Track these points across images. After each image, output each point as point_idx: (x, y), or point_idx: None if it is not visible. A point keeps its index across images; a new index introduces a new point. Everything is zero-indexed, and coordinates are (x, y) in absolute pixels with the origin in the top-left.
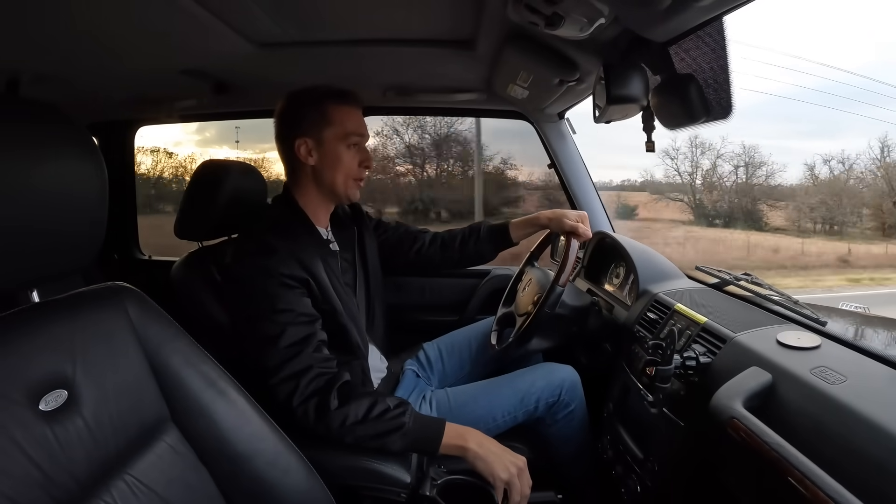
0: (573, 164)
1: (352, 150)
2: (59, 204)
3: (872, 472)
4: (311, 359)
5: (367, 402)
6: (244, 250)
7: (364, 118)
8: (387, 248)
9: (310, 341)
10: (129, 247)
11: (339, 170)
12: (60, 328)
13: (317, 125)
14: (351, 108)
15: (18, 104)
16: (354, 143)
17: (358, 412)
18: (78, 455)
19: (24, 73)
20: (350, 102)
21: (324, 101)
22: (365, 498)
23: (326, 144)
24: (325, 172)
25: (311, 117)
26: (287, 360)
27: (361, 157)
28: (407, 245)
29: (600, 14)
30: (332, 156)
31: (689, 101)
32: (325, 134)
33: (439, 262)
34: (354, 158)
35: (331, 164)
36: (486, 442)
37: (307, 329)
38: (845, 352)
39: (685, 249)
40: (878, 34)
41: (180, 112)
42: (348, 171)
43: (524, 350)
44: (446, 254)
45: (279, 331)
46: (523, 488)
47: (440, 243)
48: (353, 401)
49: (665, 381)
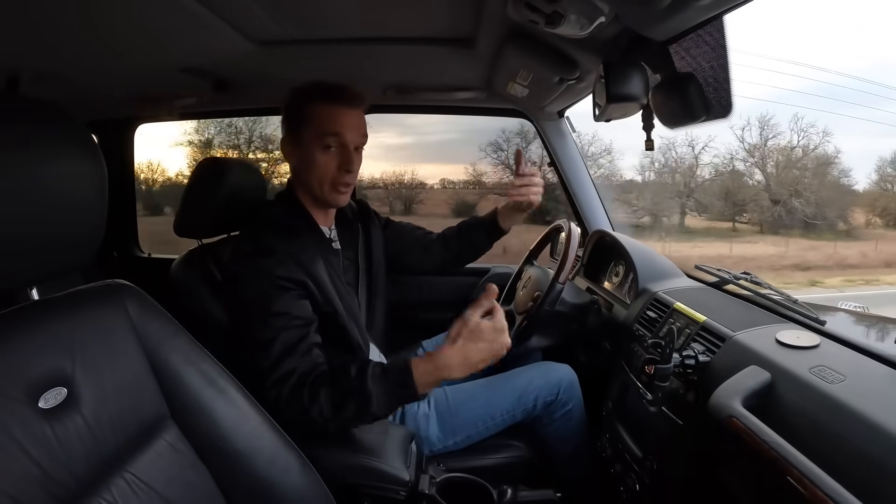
0: (573, 162)
1: (329, 152)
2: (58, 202)
3: (871, 472)
4: (297, 362)
5: (330, 390)
6: (242, 250)
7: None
8: (398, 250)
9: (300, 346)
10: (128, 245)
11: (314, 173)
12: (60, 326)
13: (297, 124)
14: (334, 107)
15: (18, 102)
16: (330, 144)
17: (326, 404)
18: (77, 453)
19: (24, 72)
20: (336, 101)
21: (306, 100)
22: (364, 496)
23: (303, 145)
24: (303, 174)
25: (292, 115)
26: (277, 365)
27: (341, 160)
28: (420, 247)
29: (600, 13)
30: (308, 157)
31: (688, 100)
32: (303, 134)
33: (442, 260)
34: (331, 161)
35: (307, 167)
36: (453, 356)
37: (299, 332)
38: (844, 351)
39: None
40: (869, 33)
41: (180, 110)
42: (324, 175)
43: (524, 348)
44: (448, 251)
45: (272, 335)
46: (504, 341)
47: (442, 242)
48: (321, 393)
49: (664, 380)
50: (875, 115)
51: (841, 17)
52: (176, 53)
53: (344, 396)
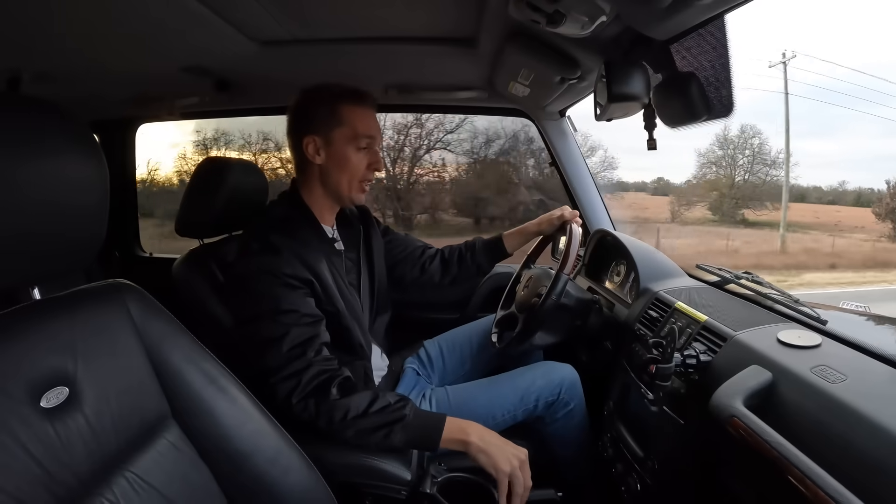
0: (574, 161)
1: (360, 152)
2: (60, 202)
3: (872, 471)
4: (312, 359)
5: (369, 396)
6: (248, 248)
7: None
8: (393, 260)
9: (312, 343)
10: (129, 244)
11: (346, 171)
12: (62, 325)
13: (327, 124)
14: (364, 109)
15: (20, 102)
16: (364, 145)
17: (359, 405)
18: (79, 452)
19: (25, 72)
20: (364, 103)
21: (337, 101)
22: (365, 495)
23: (335, 144)
24: (332, 173)
25: (322, 116)
26: (289, 361)
27: (370, 160)
28: (413, 260)
29: (602, 12)
30: (340, 156)
31: (690, 100)
32: (335, 134)
33: (439, 279)
34: (363, 161)
35: (338, 165)
36: (488, 435)
37: (311, 330)
38: (846, 350)
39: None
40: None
41: (182, 110)
42: (354, 173)
43: (528, 345)
44: (446, 270)
45: (282, 332)
46: (525, 480)
47: (440, 260)
48: (354, 394)
49: (665, 380)
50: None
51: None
52: (177, 53)
53: (381, 408)
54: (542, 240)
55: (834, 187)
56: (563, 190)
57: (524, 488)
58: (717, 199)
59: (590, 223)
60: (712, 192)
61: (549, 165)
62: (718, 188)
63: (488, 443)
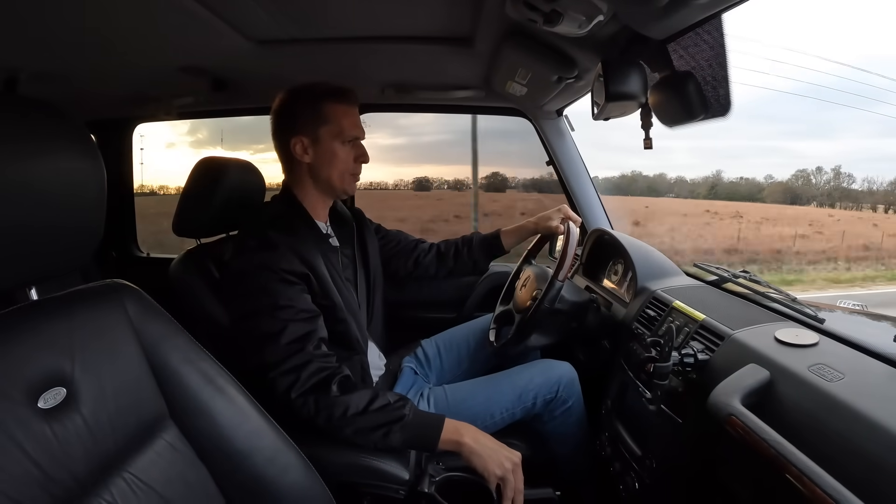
0: (571, 161)
1: (347, 146)
2: (57, 202)
3: (870, 469)
4: (311, 354)
5: (369, 394)
6: (245, 245)
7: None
8: (387, 256)
9: (311, 338)
10: (126, 244)
11: (335, 166)
12: (59, 326)
13: (312, 123)
14: (347, 106)
15: (17, 102)
16: (349, 139)
17: (359, 403)
18: (77, 453)
19: (22, 72)
20: (346, 101)
21: (320, 100)
22: (363, 495)
23: (322, 142)
24: (322, 169)
25: (306, 115)
26: (288, 356)
27: (357, 153)
28: (406, 254)
29: (599, 11)
30: (328, 153)
31: (687, 99)
32: (321, 132)
33: (434, 272)
34: (350, 154)
35: (327, 162)
36: (482, 437)
37: (308, 326)
38: (843, 349)
39: None
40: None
41: (178, 109)
42: (344, 167)
43: (523, 346)
44: (441, 264)
45: (280, 327)
46: (517, 483)
47: (436, 254)
48: (354, 392)
49: (663, 378)
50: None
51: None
52: (174, 52)
53: (381, 406)
54: (540, 237)
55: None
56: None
57: (515, 492)
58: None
59: (587, 222)
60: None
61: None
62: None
63: (482, 445)
